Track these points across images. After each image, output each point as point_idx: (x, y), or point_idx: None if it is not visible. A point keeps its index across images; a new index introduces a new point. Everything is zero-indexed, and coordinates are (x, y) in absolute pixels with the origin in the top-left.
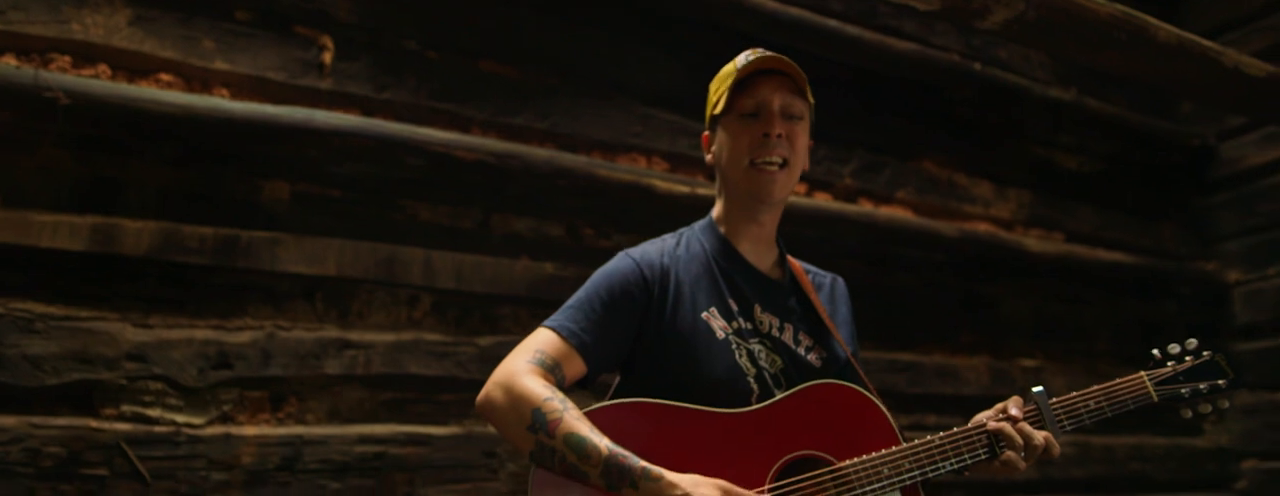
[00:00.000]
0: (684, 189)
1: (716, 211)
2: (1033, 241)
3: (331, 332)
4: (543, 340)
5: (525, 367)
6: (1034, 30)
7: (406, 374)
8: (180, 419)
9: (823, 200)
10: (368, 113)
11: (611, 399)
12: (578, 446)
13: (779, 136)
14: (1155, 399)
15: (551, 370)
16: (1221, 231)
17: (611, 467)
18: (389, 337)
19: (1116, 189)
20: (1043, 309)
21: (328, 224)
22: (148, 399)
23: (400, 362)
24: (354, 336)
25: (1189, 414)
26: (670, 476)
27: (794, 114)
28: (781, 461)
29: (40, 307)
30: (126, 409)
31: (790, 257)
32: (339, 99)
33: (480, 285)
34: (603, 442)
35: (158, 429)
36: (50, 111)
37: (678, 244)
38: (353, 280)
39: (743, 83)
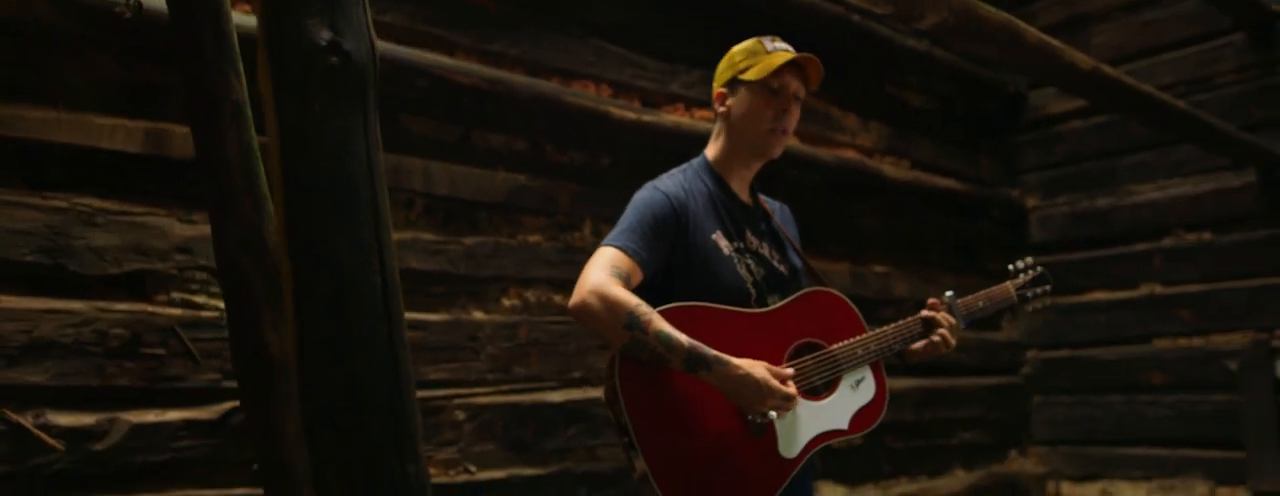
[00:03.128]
0: (632, 116)
1: (713, 154)
2: (888, 167)
3: None
4: (614, 257)
5: (609, 280)
6: (951, 31)
7: (407, 268)
8: (222, 305)
9: None
10: None
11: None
12: (666, 341)
13: (791, 113)
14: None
15: (625, 280)
16: (1024, 165)
17: (692, 356)
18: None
19: (949, 125)
20: (892, 224)
21: None
22: (194, 287)
23: (402, 258)
24: None
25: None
26: (733, 361)
27: (800, 97)
28: (792, 346)
29: (100, 203)
30: (176, 295)
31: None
32: None
33: (469, 192)
34: (683, 337)
35: (204, 314)
36: (114, 24)
37: (685, 179)
38: None
39: (770, 61)
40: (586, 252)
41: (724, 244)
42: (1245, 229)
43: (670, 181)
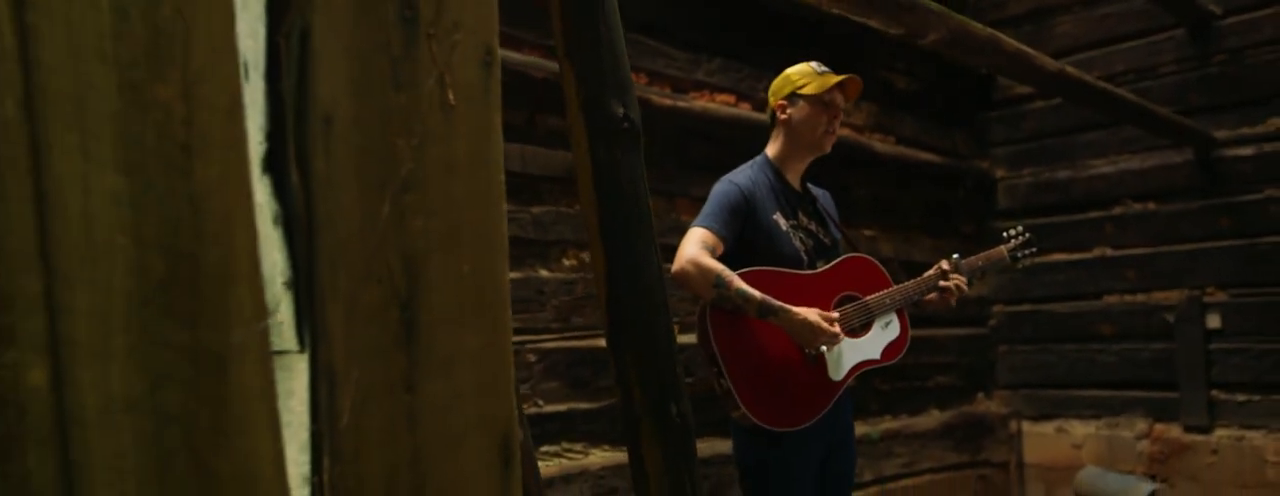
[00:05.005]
0: (668, 102)
1: (773, 152)
2: (877, 143)
3: None
4: (703, 235)
5: (701, 252)
6: (949, 45)
7: None
8: None
9: (745, 110)
10: None
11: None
12: (744, 295)
13: (837, 119)
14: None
15: (711, 252)
16: (994, 140)
17: (763, 306)
18: None
19: (929, 104)
20: (880, 193)
21: None
22: None
23: None
24: None
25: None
26: (794, 309)
27: (843, 108)
28: (836, 298)
29: None
30: None
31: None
32: None
33: (535, 168)
34: (756, 292)
35: None
36: None
37: (752, 173)
38: None
39: (824, 81)
40: None
41: (782, 222)
42: (1183, 200)
43: (741, 176)
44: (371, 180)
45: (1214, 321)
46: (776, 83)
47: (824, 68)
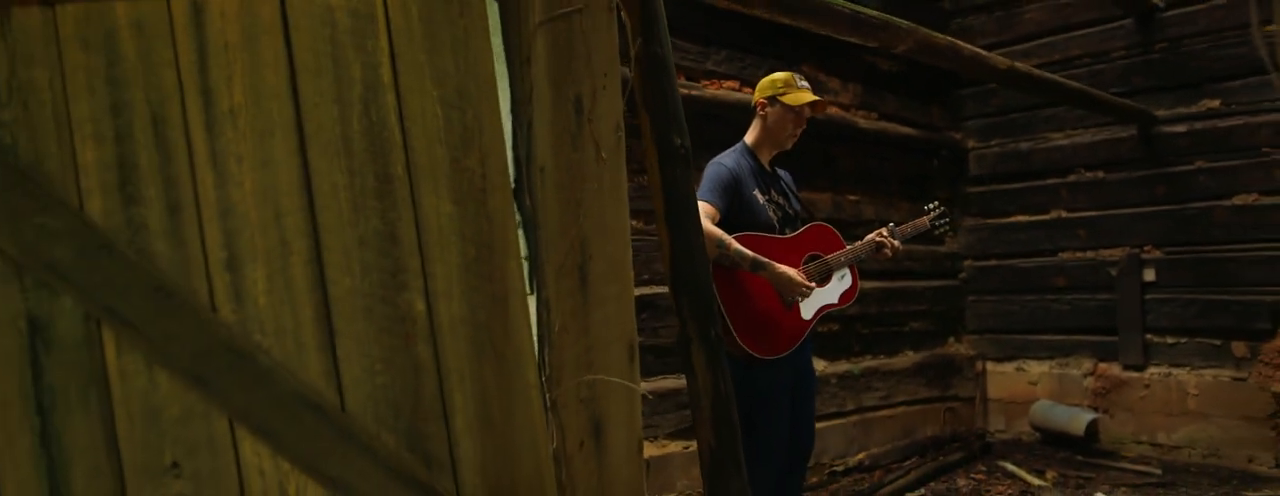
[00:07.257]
0: (683, 90)
1: (751, 140)
2: (861, 119)
3: None
4: (706, 207)
5: (705, 221)
6: (916, 52)
7: None
8: None
9: (749, 94)
10: None
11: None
12: (739, 253)
13: (802, 126)
14: (929, 227)
15: (712, 219)
16: (966, 114)
17: (754, 262)
18: None
19: (909, 83)
20: (863, 163)
21: None
22: None
23: None
24: None
25: (939, 232)
26: (778, 265)
27: (808, 117)
28: (804, 256)
29: None
30: None
31: None
32: None
33: None
34: (749, 252)
35: None
36: None
37: (737, 156)
38: None
39: (799, 96)
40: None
41: (760, 197)
42: (1127, 170)
43: (728, 159)
44: (564, 201)
45: (1150, 275)
46: (763, 82)
47: (804, 82)
